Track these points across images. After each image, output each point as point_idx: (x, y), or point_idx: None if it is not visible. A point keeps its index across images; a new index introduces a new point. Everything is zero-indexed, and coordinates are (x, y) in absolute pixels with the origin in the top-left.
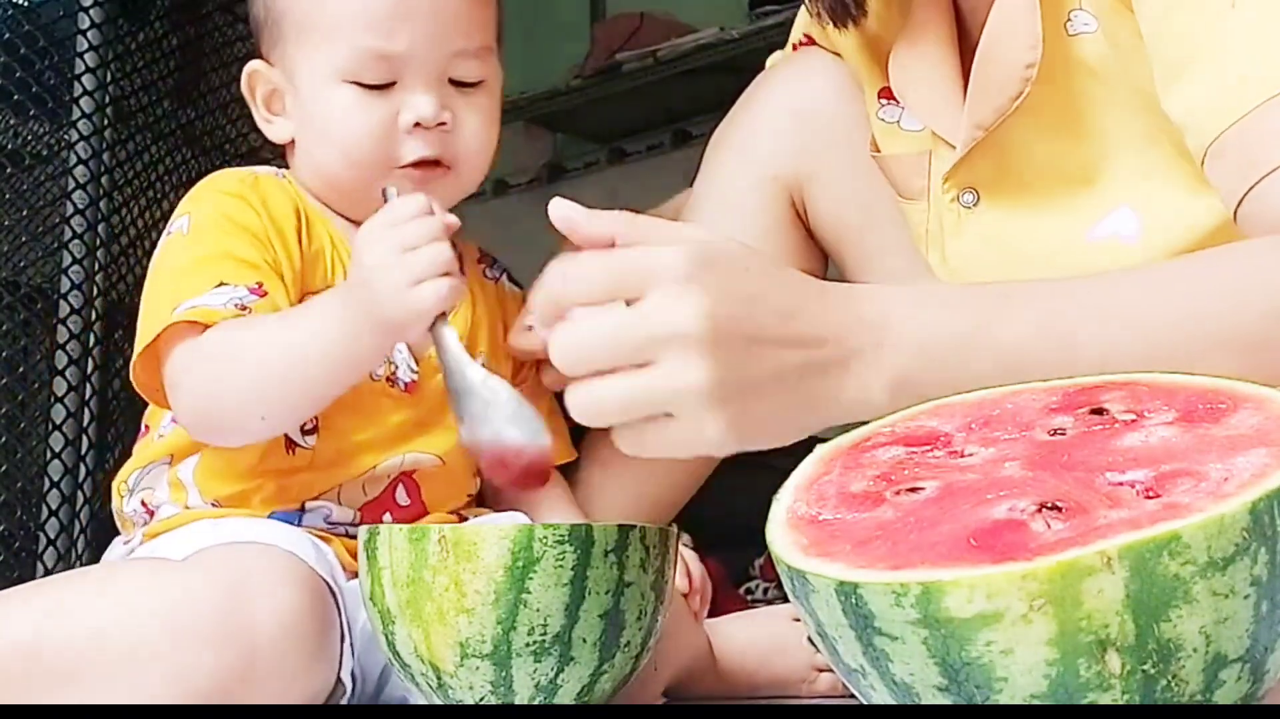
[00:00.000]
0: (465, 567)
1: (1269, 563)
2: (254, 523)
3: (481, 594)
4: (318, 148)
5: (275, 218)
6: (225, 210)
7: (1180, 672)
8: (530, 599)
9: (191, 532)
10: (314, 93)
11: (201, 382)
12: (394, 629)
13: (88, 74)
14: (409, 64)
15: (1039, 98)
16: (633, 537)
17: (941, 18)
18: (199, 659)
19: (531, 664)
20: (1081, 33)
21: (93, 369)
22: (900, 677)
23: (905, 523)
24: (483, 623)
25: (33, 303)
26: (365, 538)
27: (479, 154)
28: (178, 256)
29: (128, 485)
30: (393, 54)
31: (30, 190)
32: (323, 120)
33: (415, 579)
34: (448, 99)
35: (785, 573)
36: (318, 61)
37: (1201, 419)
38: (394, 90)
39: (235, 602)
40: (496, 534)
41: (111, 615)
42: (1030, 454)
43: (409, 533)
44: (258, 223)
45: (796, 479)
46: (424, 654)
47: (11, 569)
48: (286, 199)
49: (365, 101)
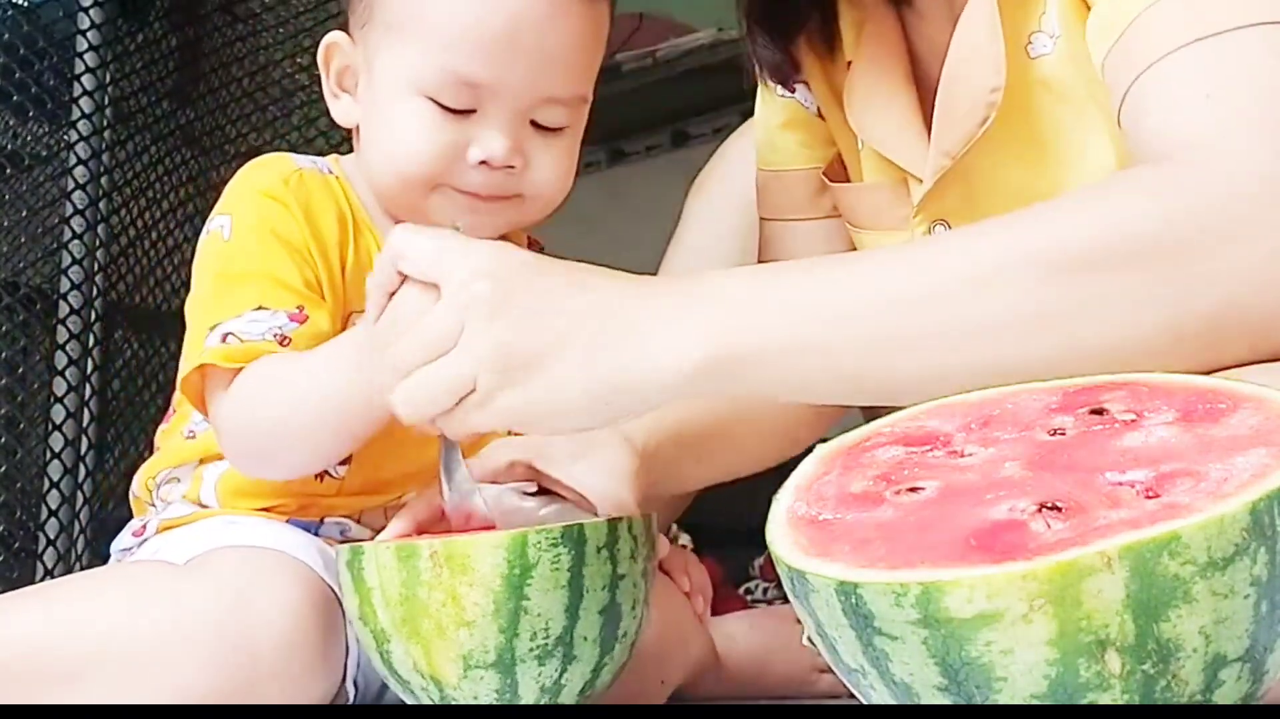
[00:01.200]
0: (461, 579)
1: (1269, 563)
2: (267, 524)
3: (481, 606)
4: (377, 149)
5: (318, 227)
6: (267, 219)
7: (1180, 672)
8: (530, 605)
9: (203, 529)
10: (389, 94)
11: (236, 420)
12: (390, 648)
13: (87, 74)
14: (494, 98)
15: (1004, 123)
16: (621, 529)
17: (893, 50)
18: (199, 666)
19: (536, 668)
20: (1042, 55)
21: (93, 369)
22: (900, 677)
23: (905, 523)
24: (485, 634)
25: (32, 303)
26: (348, 558)
27: (545, 199)
28: (218, 264)
29: (155, 481)
30: (480, 84)
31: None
32: (389, 126)
33: (409, 597)
34: (524, 140)
35: (785, 573)
36: (402, 65)
37: (1201, 419)
38: (471, 118)
39: (237, 609)
40: (489, 544)
41: (113, 621)
42: (1030, 454)
43: (396, 550)
44: (299, 235)
45: (796, 479)
46: (424, 670)
47: (11, 569)
48: (331, 203)
49: (438, 122)
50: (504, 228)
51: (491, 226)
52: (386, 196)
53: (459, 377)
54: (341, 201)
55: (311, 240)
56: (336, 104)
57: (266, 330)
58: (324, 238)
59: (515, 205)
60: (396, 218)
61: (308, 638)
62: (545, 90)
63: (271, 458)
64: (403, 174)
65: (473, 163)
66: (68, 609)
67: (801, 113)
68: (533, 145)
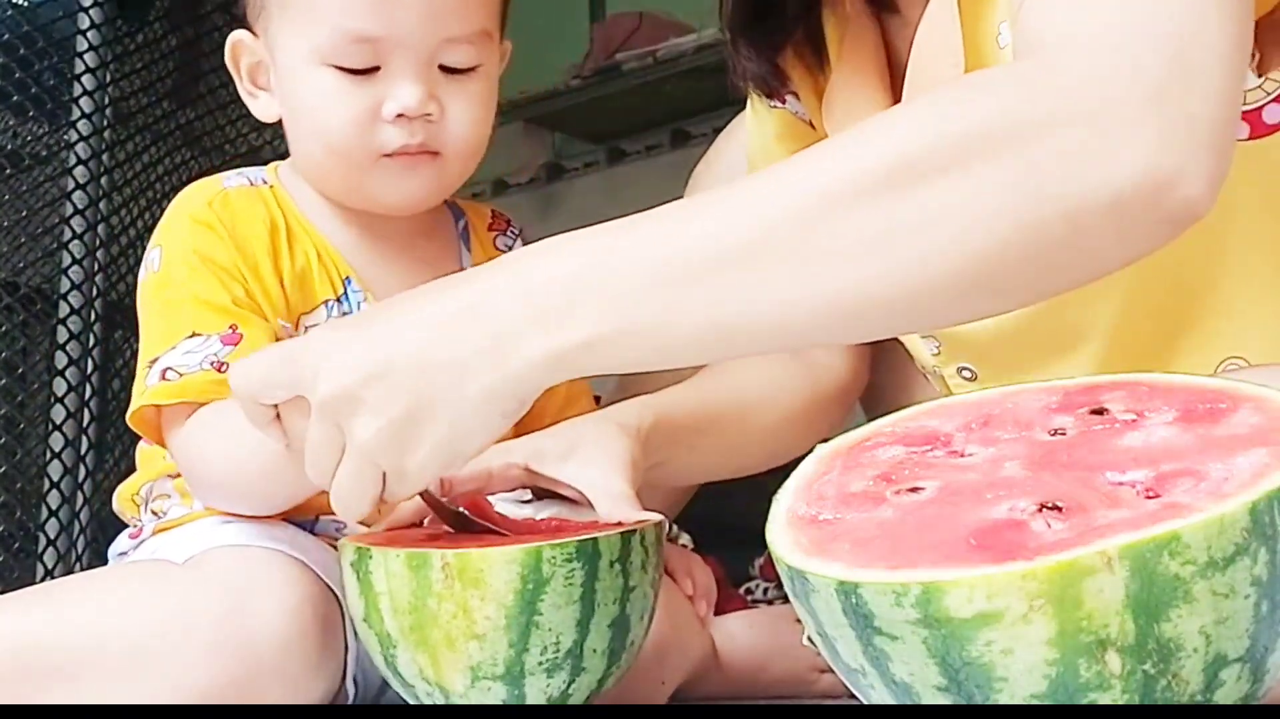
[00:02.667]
0: (473, 593)
1: (1269, 563)
2: (263, 524)
3: (492, 620)
4: (301, 131)
5: (244, 243)
6: (193, 245)
7: (1180, 672)
8: (542, 620)
9: (200, 529)
10: (296, 73)
11: (189, 466)
12: (395, 653)
13: (87, 74)
14: (394, 49)
15: None
16: (634, 542)
17: (872, 57)
18: (199, 664)
19: (544, 680)
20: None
21: (93, 369)
22: (900, 677)
23: (905, 523)
24: (494, 647)
25: (32, 303)
26: (353, 557)
27: (469, 142)
28: (152, 300)
29: (140, 496)
30: (376, 38)
31: (30, 191)
32: (302, 104)
33: (418, 606)
34: (436, 86)
35: (785, 573)
36: (300, 41)
37: (1201, 419)
38: (378, 76)
39: (236, 607)
40: (503, 558)
41: (112, 619)
42: (1030, 454)
43: (407, 559)
44: (225, 255)
45: (796, 479)
46: (431, 678)
47: (11, 569)
48: (261, 215)
49: (346, 87)
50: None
51: (423, 192)
52: (327, 184)
53: (362, 473)
54: (274, 210)
55: (239, 257)
56: (255, 103)
57: (202, 360)
58: (252, 252)
59: (439, 164)
60: (344, 205)
61: (306, 636)
62: (442, 30)
63: (229, 502)
64: (330, 146)
65: (389, 118)
66: (67, 608)
67: (794, 123)
68: (446, 91)
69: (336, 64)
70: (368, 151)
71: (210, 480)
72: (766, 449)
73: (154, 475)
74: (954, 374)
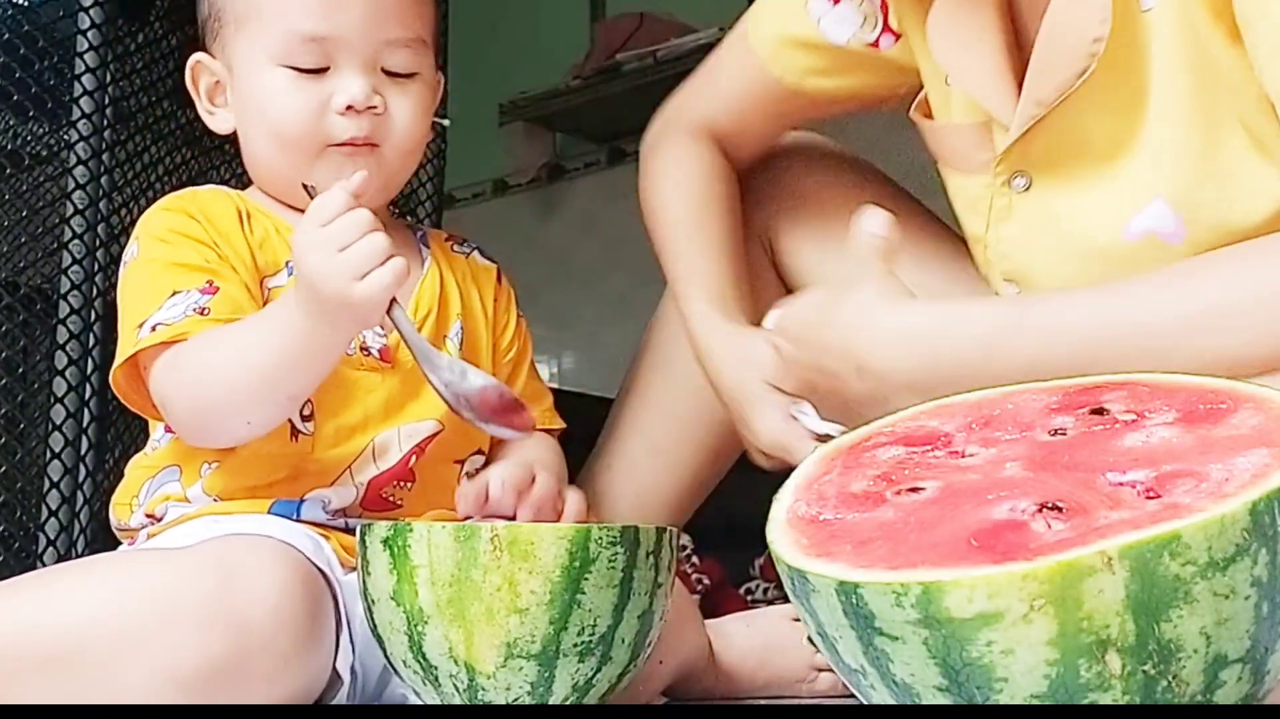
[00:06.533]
0: (521, 566)
1: (1269, 563)
2: (253, 519)
3: (537, 594)
4: (253, 130)
5: (214, 220)
6: (167, 224)
7: (1180, 672)
8: (584, 599)
9: (191, 529)
10: (250, 77)
11: (185, 401)
12: (424, 629)
13: (88, 74)
14: (341, 49)
15: (1101, 75)
16: (665, 538)
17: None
18: (189, 642)
19: (575, 664)
20: (1153, 8)
21: (93, 369)
22: (900, 677)
23: (906, 523)
24: (535, 623)
25: (32, 303)
26: (387, 534)
27: (408, 139)
28: (133, 279)
29: (138, 500)
30: (325, 38)
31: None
32: (257, 103)
33: (461, 578)
34: (380, 86)
35: (785, 573)
36: (255, 46)
37: (1202, 419)
38: (327, 75)
39: (225, 585)
40: (553, 534)
41: (102, 601)
42: (1031, 454)
43: (455, 531)
44: (198, 228)
45: (797, 479)
46: (460, 655)
47: (11, 569)
48: (226, 203)
49: (298, 84)
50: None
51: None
52: (277, 178)
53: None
54: (238, 202)
55: (209, 228)
56: (212, 119)
57: (185, 309)
58: (222, 227)
59: (378, 156)
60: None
61: (297, 612)
62: (383, 32)
63: (228, 427)
64: (281, 137)
65: (339, 109)
66: (59, 591)
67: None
68: (389, 91)
69: (290, 64)
70: (316, 141)
71: (211, 395)
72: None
73: (152, 472)
74: None
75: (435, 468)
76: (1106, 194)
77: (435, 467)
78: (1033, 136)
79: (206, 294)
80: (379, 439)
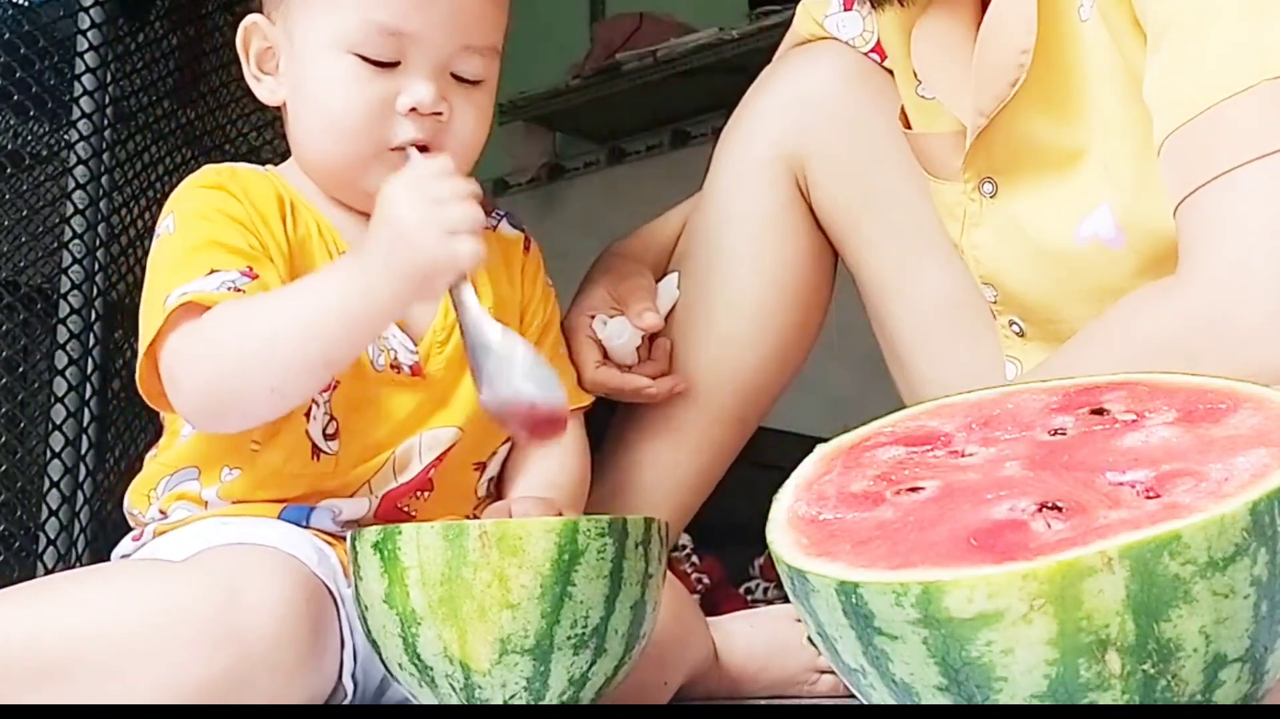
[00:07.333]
0: (510, 561)
1: (1269, 563)
2: (261, 524)
3: (528, 588)
4: (308, 115)
5: (258, 204)
6: (208, 201)
7: (1180, 672)
8: (575, 592)
9: (197, 530)
10: (314, 58)
11: (202, 362)
12: (418, 631)
13: (88, 74)
14: (417, 47)
15: (1042, 84)
16: (653, 529)
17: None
18: (190, 659)
19: (570, 658)
20: (1090, 19)
21: (93, 369)
22: (900, 676)
23: (905, 523)
24: (527, 618)
25: (33, 303)
26: (376, 538)
27: (469, 148)
28: (168, 253)
29: (156, 493)
30: (403, 33)
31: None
32: (318, 87)
33: (452, 577)
34: (447, 90)
35: (785, 573)
36: (324, 26)
37: (1202, 419)
38: (396, 71)
39: (227, 601)
40: (542, 528)
41: (104, 614)
42: (1031, 454)
43: (443, 530)
44: (241, 210)
45: (796, 479)
46: (454, 654)
47: (11, 569)
48: (268, 188)
49: (365, 76)
50: None
51: None
52: (324, 173)
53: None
54: (280, 188)
55: (254, 213)
56: (259, 86)
57: (221, 284)
58: (264, 213)
59: None
60: (336, 199)
61: (299, 629)
62: (462, 38)
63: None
64: (339, 129)
65: (402, 111)
66: (59, 603)
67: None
68: (455, 97)
69: (359, 53)
70: (374, 141)
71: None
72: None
73: (171, 469)
74: (1005, 327)
75: (454, 474)
76: (1059, 199)
77: (454, 473)
78: (990, 144)
79: (246, 277)
80: (399, 450)
